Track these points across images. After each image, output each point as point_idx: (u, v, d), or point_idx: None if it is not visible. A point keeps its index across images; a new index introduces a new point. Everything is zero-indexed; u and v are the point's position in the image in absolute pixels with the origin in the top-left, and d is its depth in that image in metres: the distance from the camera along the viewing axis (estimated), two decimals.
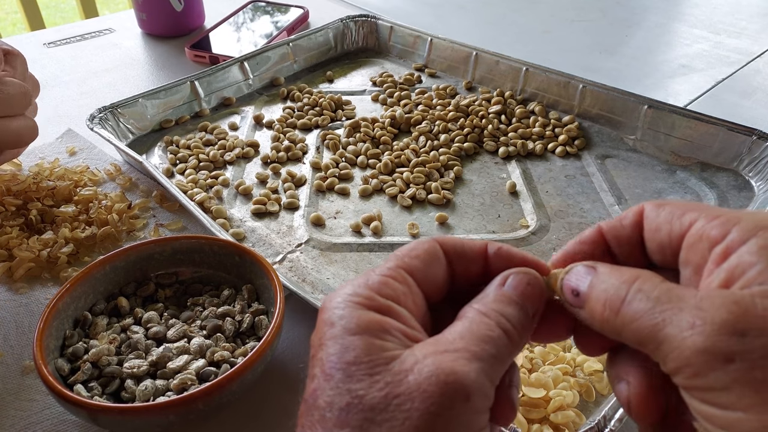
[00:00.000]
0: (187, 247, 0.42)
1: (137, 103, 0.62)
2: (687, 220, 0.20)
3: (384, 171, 0.58)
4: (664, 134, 0.60)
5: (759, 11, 0.96)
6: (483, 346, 0.19)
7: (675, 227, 0.20)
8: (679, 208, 0.20)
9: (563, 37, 0.88)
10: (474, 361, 0.18)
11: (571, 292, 0.21)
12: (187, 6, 0.83)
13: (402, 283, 0.21)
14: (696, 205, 0.20)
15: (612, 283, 0.19)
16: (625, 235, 0.22)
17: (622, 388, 0.20)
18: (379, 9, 0.92)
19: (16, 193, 0.51)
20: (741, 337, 0.16)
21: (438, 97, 0.69)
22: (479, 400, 0.18)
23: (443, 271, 0.22)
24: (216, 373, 0.35)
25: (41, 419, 0.36)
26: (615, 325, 0.19)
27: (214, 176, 0.57)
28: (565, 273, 0.21)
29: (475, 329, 0.20)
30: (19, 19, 2.31)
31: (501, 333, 0.20)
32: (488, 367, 0.19)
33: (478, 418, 0.18)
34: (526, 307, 0.21)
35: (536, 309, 0.21)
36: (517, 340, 0.20)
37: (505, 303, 0.21)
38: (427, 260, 0.22)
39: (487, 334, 0.19)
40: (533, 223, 0.52)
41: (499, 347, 0.19)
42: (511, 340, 0.20)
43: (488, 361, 0.19)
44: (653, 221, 0.21)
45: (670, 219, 0.20)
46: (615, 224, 0.22)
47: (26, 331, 0.42)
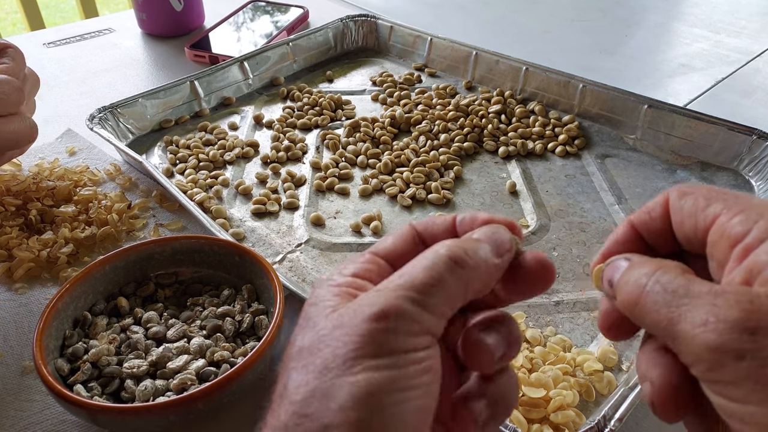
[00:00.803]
0: (187, 247, 0.42)
1: (137, 103, 0.62)
2: (710, 214, 0.20)
3: (384, 171, 0.58)
4: (664, 134, 0.60)
5: (759, 10, 0.96)
6: (416, 275, 0.20)
7: (699, 221, 0.20)
8: (703, 198, 0.20)
9: (563, 37, 0.88)
10: (399, 289, 0.19)
11: (608, 282, 0.22)
12: (186, 6, 0.83)
13: (368, 263, 0.22)
14: (719, 193, 0.20)
15: (636, 273, 0.20)
16: (656, 227, 0.22)
17: (646, 388, 0.20)
18: (379, 9, 0.92)
19: (16, 193, 0.51)
20: (751, 335, 0.16)
21: (438, 96, 0.69)
22: (401, 324, 0.19)
23: (417, 250, 0.23)
24: (216, 373, 0.35)
25: (41, 419, 0.36)
26: (636, 315, 0.20)
27: (214, 176, 0.57)
28: (606, 265, 0.22)
29: (414, 263, 0.20)
30: (19, 19, 2.31)
31: (446, 259, 0.20)
32: (419, 294, 0.19)
33: (402, 340, 0.19)
34: (488, 245, 0.22)
35: (501, 251, 0.22)
36: (474, 268, 0.21)
37: (463, 239, 0.22)
38: (398, 243, 0.23)
39: (424, 264, 0.20)
40: (533, 223, 0.52)
41: (440, 273, 0.20)
42: (463, 265, 0.20)
43: (419, 288, 0.19)
44: (678, 214, 0.21)
45: (695, 211, 0.20)
46: (644, 217, 0.23)
47: (26, 331, 0.42)
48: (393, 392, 0.18)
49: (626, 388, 0.34)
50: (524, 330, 0.41)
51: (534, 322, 0.43)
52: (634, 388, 0.34)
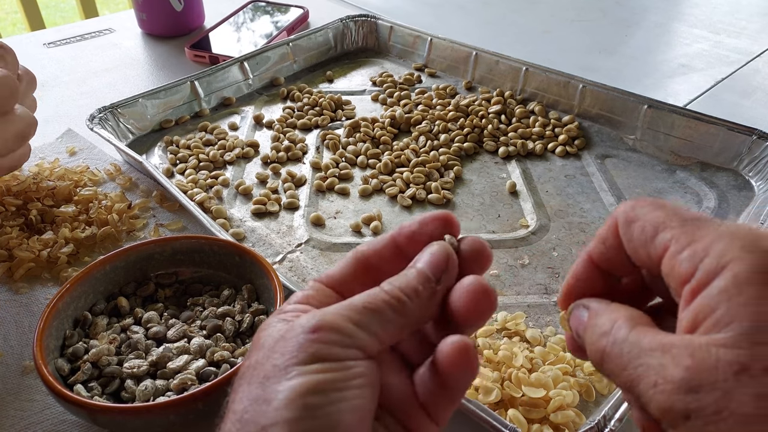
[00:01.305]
0: (187, 247, 0.42)
1: (137, 103, 0.62)
2: (660, 245, 0.19)
3: (384, 171, 0.58)
4: (664, 134, 0.60)
5: (758, 11, 0.96)
6: (355, 301, 0.21)
7: (651, 251, 0.20)
8: (651, 225, 0.20)
9: (563, 37, 0.88)
10: (338, 309, 0.21)
11: (576, 334, 0.22)
12: (187, 6, 0.83)
13: (318, 292, 0.23)
14: (667, 216, 0.20)
15: (596, 333, 0.20)
16: (613, 256, 0.22)
17: (634, 414, 0.21)
18: (379, 9, 0.92)
19: (16, 193, 0.51)
20: (695, 394, 0.16)
21: (438, 96, 0.69)
22: (333, 335, 0.20)
23: (363, 273, 0.24)
24: (216, 373, 0.35)
25: (41, 419, 0.36)
26: (605, 375, 0.20)
27: (214, 176, 0.57)
28: (569, 314, 0.23)
29: (359, 296, 0.22)
30: (19, 19, 2.31)
31: (385, 296, 0.21)
32: (356, 314, 0.20)
33: (334, 350, 0.20)
34: (426, 274, 0.22)
35: (437, 275, 0.22)
36: (414, 304, 0.21)
37: (404, 274, 0.22)
38: (344, 268, 0.24)
39: (366, 294, 0.21)
40: (533, 223, 0.52)
41: (378, 304, 0.21)
42: (402, 304, 0.21)
43: (357, 310, 0.21)
44: (629, 243, 0.21)
45: (644, 241, 0.20)
46: (600, 248, 0.22)
47: (26, 331, 0.42)
48: (326, 392, 0.19)
49: None
50: (524, 330, 0.41)
51: (534, 322, 0.43)
52: None
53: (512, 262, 0.48)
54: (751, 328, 0.16)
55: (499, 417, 0.32)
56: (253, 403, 0.19)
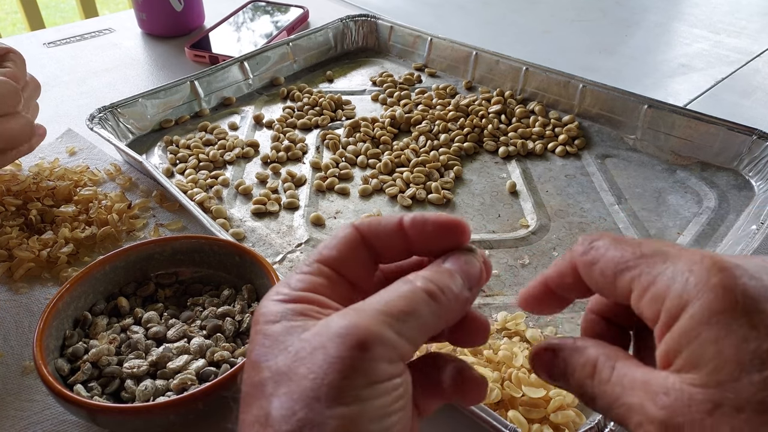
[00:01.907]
0: (187, 247, 0.42)
1: (137, 103, 0.62)
2: (623, 287, 0.20)
3: (384, 171, 0.58)
4: (664, 134, 0.60)
5: (758, 10, 0.96)
6: (393, 303, 0.20)
7: (617, 295, 0.20)
8: (610, 269, 0.20)
9: (563, 37, 0.88)
10: (378, 315, 0.19)
11: (549, 377, 0.22)
12: (187, 6, 0.83)
13: (318, 275, 0.22)
14: (622, 255, 0.20)
15: (580, 376, 0.21)
16: (574, 288, 0.22)
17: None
18: (379, 9, 0.92)
19: (16, 193, 0.51)
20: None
21: (438, 96, 0.69)
22: (381, 350, 0.18)
23: (361, 254, 0.23)
24: (216, 373, 0.35)
25: (41, 419, 0.36)
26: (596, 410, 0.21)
27: (214, 176, 0.57)
28: (534, 357, 0.23)
29: (390, 291, 0.20)
30: (19, 19, 2.31)
31: (422, 293, 0.20)
32: (396, 321, 0.19)
33: (382, 367, 0.18)
34: (456, 274, 0.21)
35: (472, 283, 0.22)
36: (446, 303, 0.21)
37: (436, 271, 0.21)
38: (342, 249, 0.22)
39: (401, 294, 0.20)
40: (533, 223, 0.52)
41: (415, 305, 0.20)
42: (436, 300, 0.20)
43: (397, 315, 0.19)
44: (593, 285, 0.21)
45: (606, 284, 0.20)
46: (559, 280, 0.23)
47: (26, 331, 0.42)
48: (377, 420, 0.18)
49: None
50: (524, 330, 0.41)
51: (534, 322, 0.43)
52: None
53: (512, 262, 0.48)
54: (714, 370, 0.17)
55: (499, 417, 0.32)
56: (302, 428, 0.17)
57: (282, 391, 0.18)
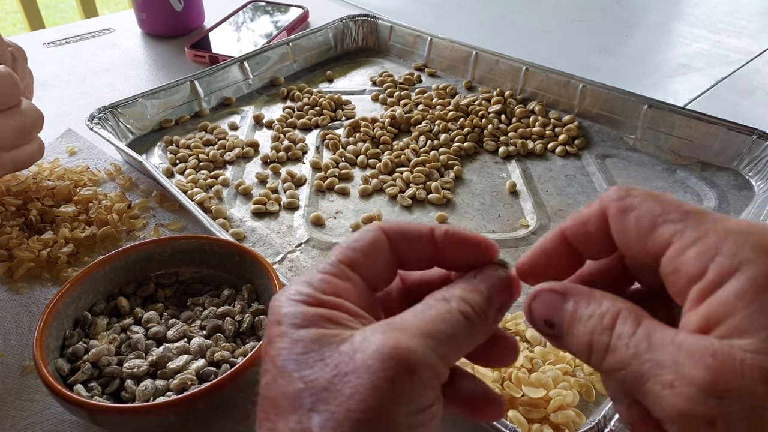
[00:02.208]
0: (187, 247, 0.42)
1: (137, 103, 0.62)
2: (660, 241, 0.18)
3: (384, 171, 0.58)
4: (664, 134, 0.60)
5: (759, 10, 0.96)
6: (435, 325, 0.19)
7: (648, 247, 0.19)
8: (647, 218, 0.19)
9: (563, 37, 0.88)
10: (422, 337, 0.19)
11: (544, 322, 0.20)
12: (186, 6, 0.83)
13: (343, 278, 0.21)
14: (665, 207, 0.19)
15: (592, 326, 0.19)
16: (593, 243, 0.21)
17: (623, 411, 0.20)
18: (379, 9, 0.92)
19: (16, 193, 0.51)
20: (720, 400, 0.15)
21: (438, 96, 0.69)
22: (426, 374, 0.18)
23: (387, 258, 0.22)
24: (216, 373, 0.35)
25: (41, 419, 0.36)
26: (600, 370, 0.19)
27: (214, 176, 0.57)
28: (532, 299, 0.21)
29: (431, 310, 0.20)
30: (19, 19, 2.31)
31: (458, 315, 0.20)
32: (439, 344, 0.19)
33: (425, 393, 0.18)
34: (492, 297, 0.21)
35: (503, 302, 0.21)
36: (478, 324, 0.20)
37: (469, 290, 0.21)
38: (369, 251, 0.22)
39: (442, 315, 0.20)
40: (533, 223, 0.52)
41: (454, 327, 0.19)
42: (470, 322, 0.20)
43: (439, 338, 0.19)
44: (621, 235, 0.20)
45: (640, 235, 0.19)
46: (579, 229, 0.21)
47: (26, 331, 0.42)
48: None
49: None
50: (524, 330, 0.41)
51: None
52: None
53: (512, 262, 0.48)
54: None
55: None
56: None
57: (323, 408, 0.17)
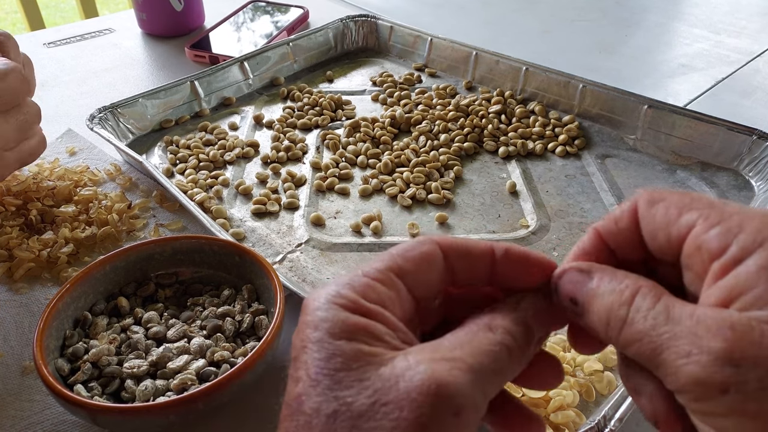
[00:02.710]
0: (187, 247, 0.42)
1: (137, 103, 0.62)
2: (684, 224, 0.19)
3: (384, 171, 0.58)
4: (665, 134, 0.60)
5: (759, 11, 0.96)
6: (482, 359, 0.18)
7: (673, 231, 0.19)
8: (675, 207, 0.19)
9: (563, 37, 0.88)
10: (469, 372, 0.18)
11: (569, 300, 0.20)
12: (187, 6, 0.83)
13: (389, 286, 0.20)
14: (693, 200, 0.19)
15: (611, 300, 0.19)
16: (624, 237, 0.21)
17: (645, 403, 0.20)
18: (379, 9, 0.92)
19: (16, 193, 0.51)
20: (736, 368, 0.16)
21: (438, 96, 0.69)
22: (470, 414, 0.17)
23: (439, 274, 0.21)
24: (216, 373, 0.35)
25: (41, 419, 0.36)
26: (618, 344, 0.19)
27: (214, 176, 0.57)
28: (559, 278, 0.21)
29: (476, 341, 0.19)
30: (19, 19, 2.31)
31: (503, 349, 0.19)
32: (483, 381, 0.18)
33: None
34: (533, 329, 0.20)
35: (543, 335, 0.21)
36: (518, 359, 0.20)
37: (513, 321, 0.20)
38: (421, 264, 0.21)
39: (488, 348, 0.19)
40: (533, 223, 0.52)
41: (498, 363, 0.19)
42: (512, 358, 0.19)
43: (485, 374, 0.18)
44: (649, 224, 0.20)
45: (667, 222, 0.19)
46: (611, 227, 0.21)
47: (26, 331, 0.42)
48: None
49: None
50: None
51: None
52: None
53: None
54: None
55: None
56: None
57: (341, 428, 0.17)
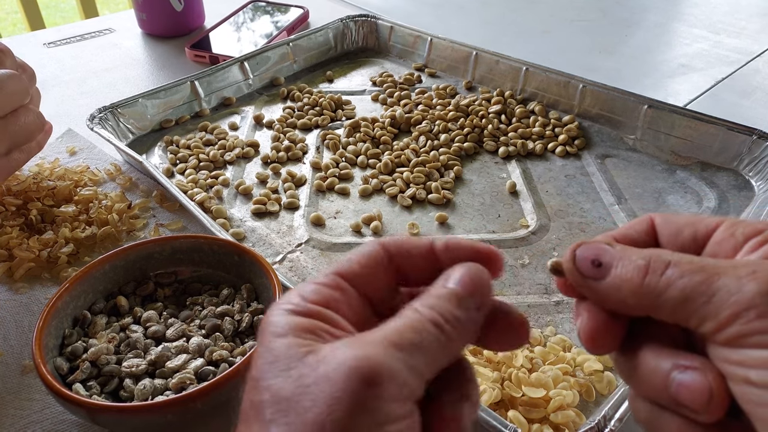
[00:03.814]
0: (186, 247, 0.42)
1: (137, 103, 0.62)
2: (711, 222, 0.21)
3: (384, 171, 0.58)
4: (664, 134, 0.60)
5: (758, 11, 0.96)
6: (404, 335, 0.18)
7: (699, 228, 0.21)
8: (694, 217, 0.21)
9: (563, 37, 0.88)
10: (389, 348, 0.18)
11: (592, 262, 0.21)
12: (187, 6, 0.83)
13: (334, 288, 0.21)
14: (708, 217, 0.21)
15: (648, 254, 0.20)
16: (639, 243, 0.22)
17: (579, 322, 0.21)
18: (379, 9, 0.92)
19: (16, 193, 0.51)
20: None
21: (438, 96, 0.69)
22: (392, 388, 0.17)
23: (385, 274, 0.22)
24: (215, 372, 0.35)
25: (41, 419, 0.36)
26: (657, 287, 0.19)
27: (214, 176, 0.57)
28: (577, 246, 0.22)
29: (401, 321, 0.19)
30: (19, 19, 2.31)
31: (429, 324, 0.19)
32: (408, 356, 0.18)
33: (392, 407, 0.17)
34: (466, 301, 0.20)
35: (480, 303, 0.20)
36: (454, 334, 0.19)
37: (438, 297, 0.20)
38: (366, 265, 0.21)
39: (411, 325, 0.19)
40: (533, 223, 0.52)
41: (425, 338, 0.19)
42: (444, 333, 0.19)
43: (408, 349, 0.18)
44: (671, 225, 0.22)
45: (692, 222, 0.21)
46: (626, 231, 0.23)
47: (26, 331, 0.42)
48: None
49: (626, 388, 0.34)
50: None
51: (534, 322, 0.43)
52: None
53: (512, 262, 0.48)
54: None
55: (499, 417, 0.32)
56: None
57: (282, 420, 0.17)
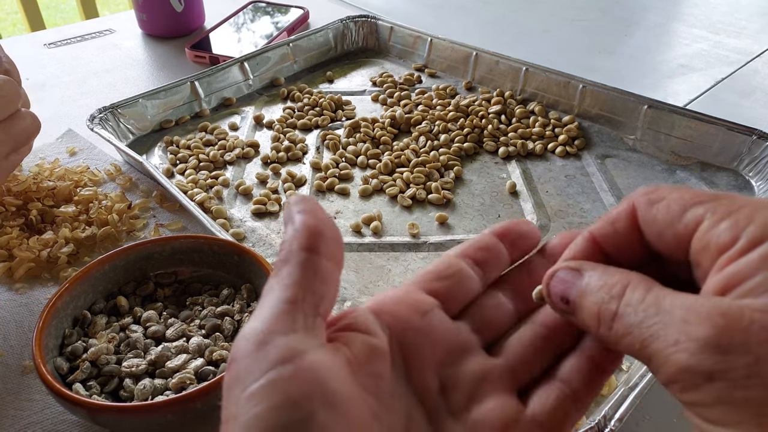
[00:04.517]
0: (186, 247, 0.42)
1: (137, 104, 0.62)
2: (691, 221, 0.18)
3: (384, 171, 0.58)
4: (664, 134, 0.60)
5: (758, 11, 0.96)
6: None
7: (679, 230, 0.19)
8: (677, 204, 0.19)
9: (563, 37, 0.88)
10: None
11: (561, 299, 0.21)
12: (187, 6, 0.83)
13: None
14: (694, 195, 0.19)
15: (602, 296, 0.19)
16: (622, 241, 0.21)
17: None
18: (379, 9, 0.92)
19: (16, 193, 0.51)
20: (723, 355, 0.15)
21: (438, 97, 0.69)
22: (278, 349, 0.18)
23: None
24: (215, 372, 0.35)
25: (41, 419, 0.36)
26: (609, 339, 0.19)
27: (214, 176, 0.57)
28: (549, 278, 0.21)
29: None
30: (19, 20, 2.31)
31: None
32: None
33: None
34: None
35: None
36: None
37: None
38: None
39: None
40: (533, 223, 0.52)
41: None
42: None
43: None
44: (652, 225, 0.20)
45: (671, 221, 0.19)
46: (607, 230, 0.21)
47: (26, 331, 0.42)
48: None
49: (626, 388, 0.34)
50: None
51: None
52: (634, 388, 0.34)
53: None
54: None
55: None
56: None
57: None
